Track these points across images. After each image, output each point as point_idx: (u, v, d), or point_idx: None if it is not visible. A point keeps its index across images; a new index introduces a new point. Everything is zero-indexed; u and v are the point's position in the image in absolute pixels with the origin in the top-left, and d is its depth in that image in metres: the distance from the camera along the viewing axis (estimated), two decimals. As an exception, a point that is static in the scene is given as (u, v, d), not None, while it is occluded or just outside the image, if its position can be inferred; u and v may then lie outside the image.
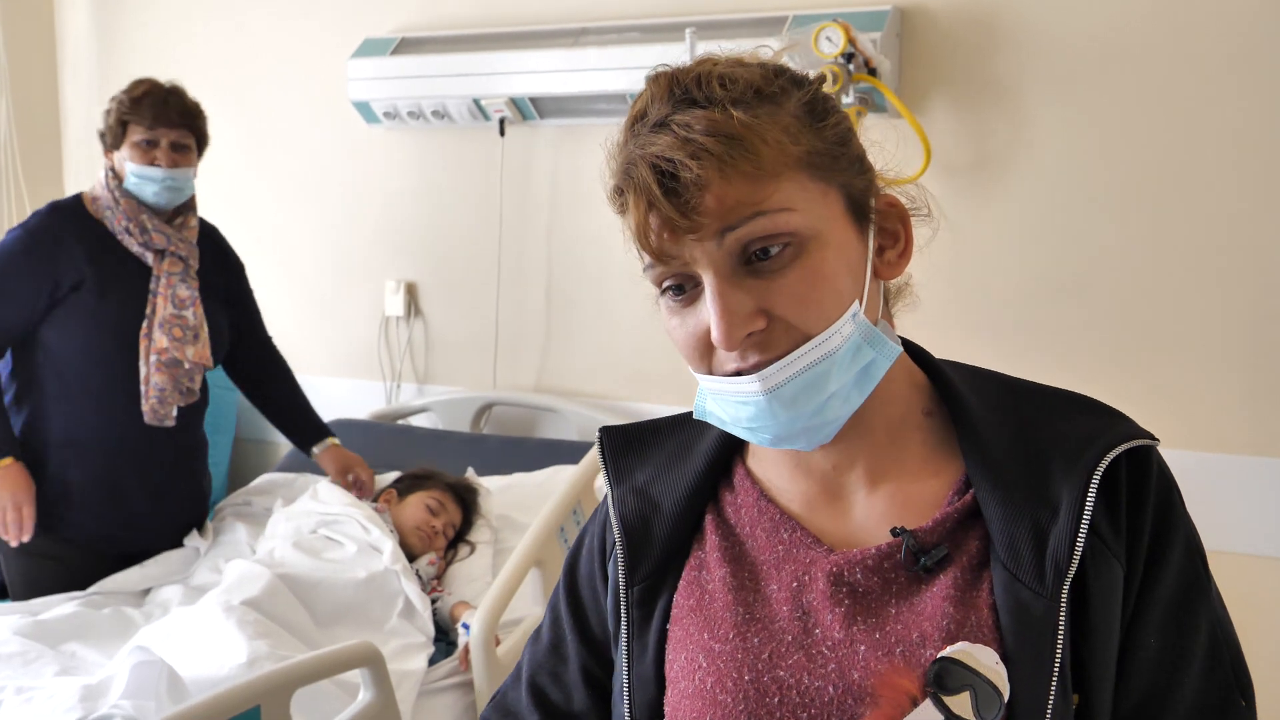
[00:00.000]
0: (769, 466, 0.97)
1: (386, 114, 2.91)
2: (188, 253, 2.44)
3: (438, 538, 2.41)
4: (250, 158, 3.23)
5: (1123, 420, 0.89)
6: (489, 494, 2.55)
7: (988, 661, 0.81)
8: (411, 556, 2.34)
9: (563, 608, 1.04)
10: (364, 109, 2.94)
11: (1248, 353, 2.20)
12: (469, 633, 2.01)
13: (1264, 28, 2.13)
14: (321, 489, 2.51)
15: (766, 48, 0.90)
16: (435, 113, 2.84)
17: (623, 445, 1.03)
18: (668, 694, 0.92)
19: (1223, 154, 2.18)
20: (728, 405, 0.87)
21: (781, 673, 0.87)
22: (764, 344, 0.84)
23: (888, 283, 0.93)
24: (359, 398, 3.11)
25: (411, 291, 3.06)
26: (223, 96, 3.23)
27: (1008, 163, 2.35)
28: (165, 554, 2.45)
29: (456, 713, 2.03)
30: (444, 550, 2.44)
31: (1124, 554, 0.85)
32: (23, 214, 3.12)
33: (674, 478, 0.99)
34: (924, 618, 0.85)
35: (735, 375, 0.85)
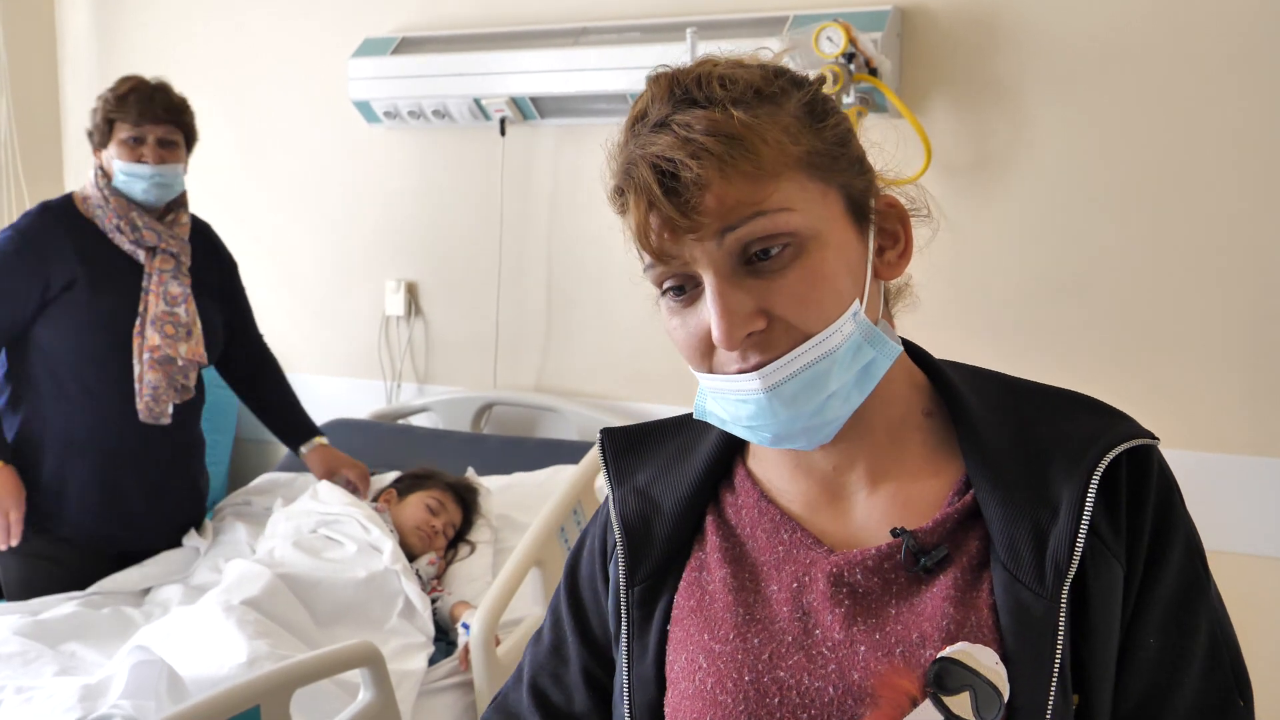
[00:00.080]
0: (769, 467, 0.97)
1: (387, 114, 2.91)
2: (179, 249, 2.43)
3: (438, 537, 2.41)
4: (251, 157, 3.23)
5: (1123, 420, 0.89)
6: (489, 494, 2.55)
7: (987, 662, 0.81)
8: (411, 556, 2.34)
9: (564, 609, 1.04)
10: (364, 109, 2.94)
11: (1248, 353, 2.20)
12: (469, 633, 2.01)
13: (1264, 28, 2.12)
14: (321, 489, 2.51)
15: (766, 49, 0.90)
16: (436, 112, 2.84)
17: (624, 446, 1.03)
18: (668, 694, 0.92)
19: (1223, 154, 2.18)
20: (728, 404, 0.87)
21: (781, 673, 0.87)
22: (764, 344, 0.84)
23: (888, 283, 0.93)
24: (359, 397, 3.11)
25: (412, 291, 3.06)
26: (223, 96, 3.24)
27: (1008, 163, 2.35)
28: (165, 554, 2.45)
29: (456, 713, 2.03)
30: (444, 550, 2.44)
31: (1124, 554, 0.85)
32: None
33: (675, 478, 0.99)
34: (924, 618, 0.85)
35: (736, 374, 0.85)
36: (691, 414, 0.97)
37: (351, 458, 2.65)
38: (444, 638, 2.21)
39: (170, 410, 2.39)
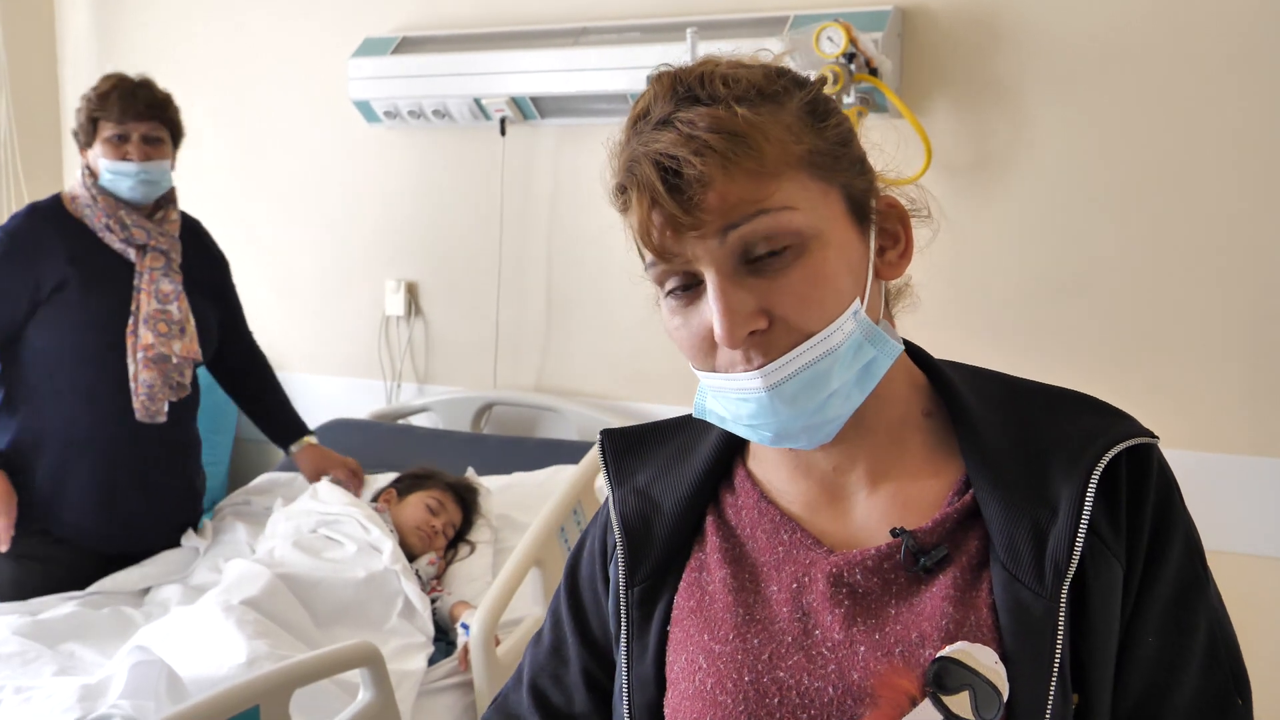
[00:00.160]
0: (769, 468, 0.97)
1: (387, 113, 2.91)
2: (169, 246, 2.42)
3: (438, 537, 2.40)
4: (251, 157, 3.23)
5: (1123, 419, 0.89)
6: (489, 494, 2.55)
7: (987, 661, 0.81)
8: (411, 556, 2.34)
9: (564, 610, 1.04)
10: (364, 108, 2.94)
11: (1248, 353, 2.20)
12: (468, 633, 2.01)
13: (1264, 28, 2.12)
14: (321, 489, 2.51)
15: (767, 51, 0.90)
16: (436, 112, 2.84)
17: (623, 447, 1.03)
18: (668, 695, 0.93)
19: (1223, 154, 2.18)
20: (729, 402, 0.87)
21: (781, 674, 0.87)
22: (766, 344, 0.83)
23: (888, 283, 0.93)
24: (359, 397, 3.11)
25: (412, 291, 3.06)
26: (223, 96, 3.24)
27: (1008, 163, 2.35)
28: (164, 553, 2.45)
29: (456, 713, 2.03)
30: (444, 550, 2.43)
31: (1124, 553, 0.85)
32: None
33: (675, 479, 0.99)
34: (923, 618, 0.85)
35: (738, 373, 0.85)
36: (691, 415, 0.97)
37: (341, 455, 2.65)
38: (444, 638, 2.21)
39: (166, 409, 2.38)
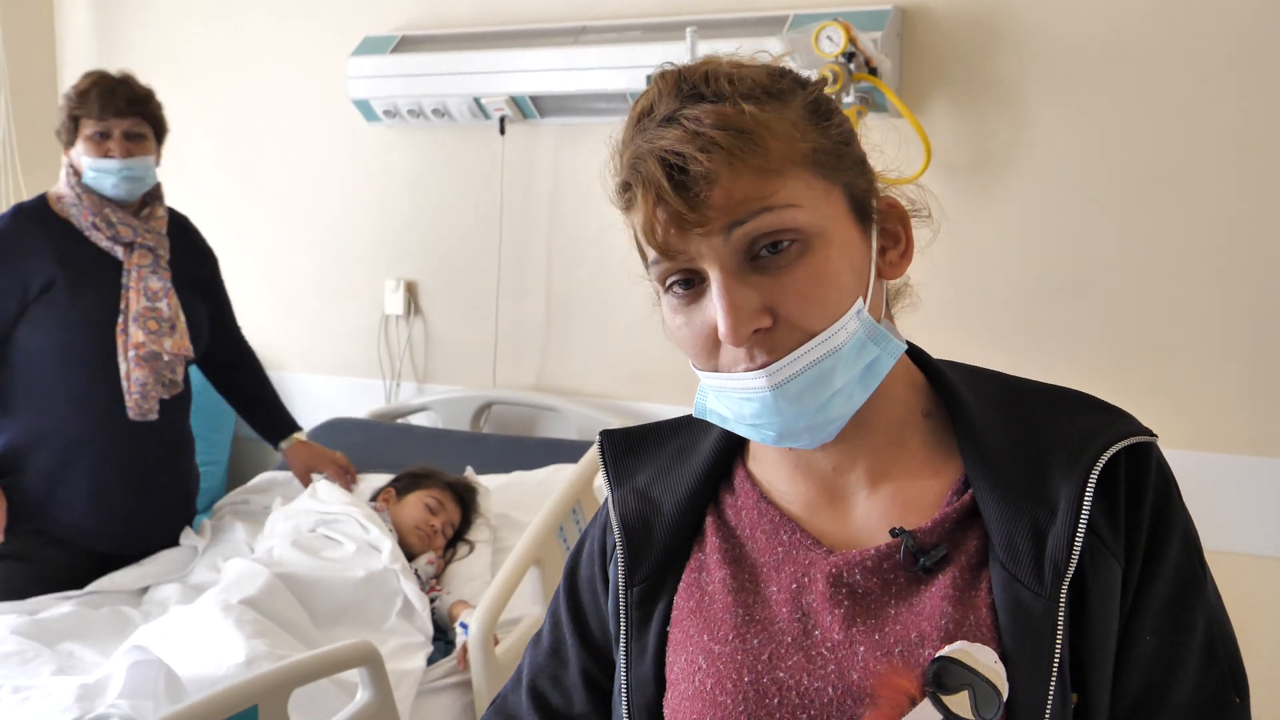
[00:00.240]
0: (769, 468, 0.97)
1: (387, 112, 2.91)
2: (156, 243, 2.41)
3: (437, 537, 2.40)
4: (250, 156, 3.23)
5: (1122, 417, 0.89)
6: (488, 493, 2.55)
7: (986, 661, 0.81)
8: (410, 555, 2.34)
9: (563, 611, 1.04)
10: (364, 107, 2.94)
11: (1248, 352, 2.20)
12: (467, 632, 2.01)
13: (1264, 28, 2.12)
14: (320, 488, 2.51)
15: (765, 52, 0.90)
16: (436, 111, 2.84)
17: (623, 448, 1.03)
18: (667, 695, 0.92)
19: (1223, 154, 2.18)
20: (731, 402, 0.87)
21: (781, 674, 0.87)
22: (770, 343, 0.83)
23: (888, 284, 0.93)
24: (358, 396, 3.10)
25: (411, 290, 3.06)
26: (223, 96, 3.24)
27: (1008, 162, 2.35)
28: (163, 553, 2.45)
29: (455, 712, 2.03)
30: (443, 549, 2.43)
31: (1123, 553, 0.85)
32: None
33: (674, 479, 0.99)
34: (923, 617, 0.85)
35: (741, 372, 0.85)
36: (690, 415, 0.97)
37: (331, 450, 2.65)
38: (442, 637, 2.21)
39: (158, 407, 2.37)
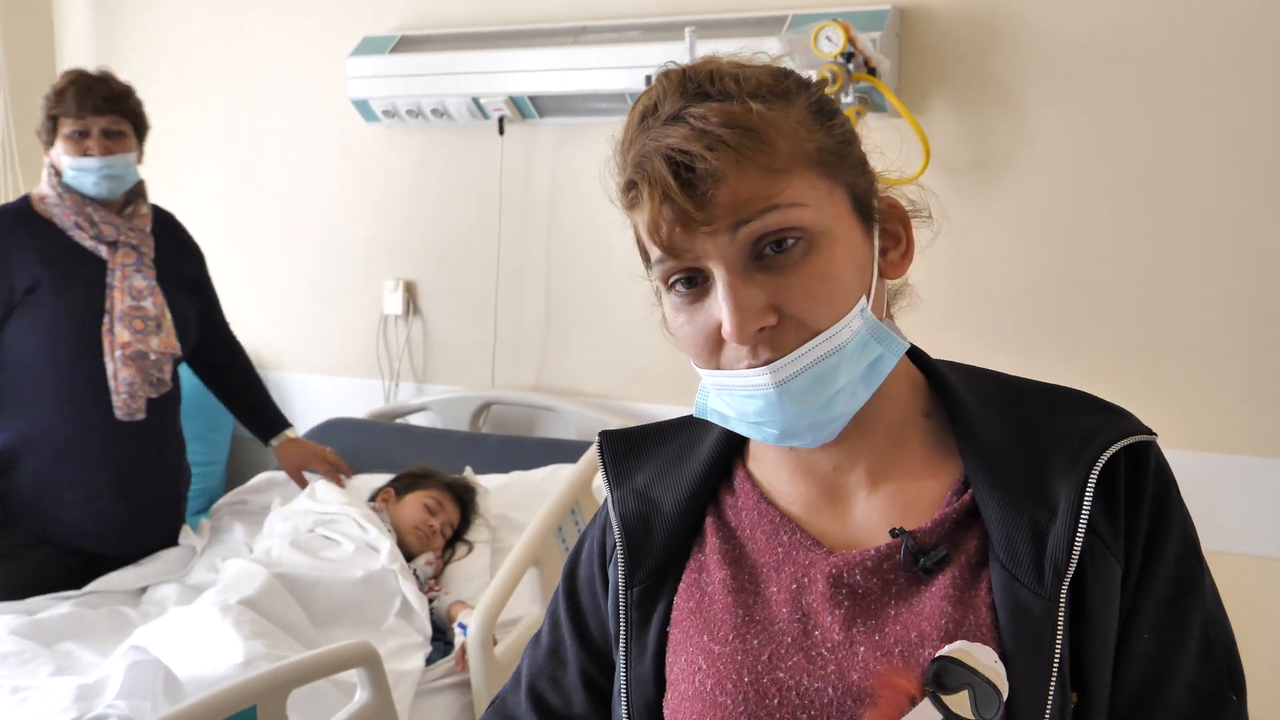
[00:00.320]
0: (769, 469, 0.97)
1: (386, 112, 2.90)
2: (139, 241, 2.39)
3: (435, 537, 2.40)
4: (250, 156, 3.23)
5: (1122, 416, 0.89)
6: (487, 493, 2.55)
7: (986, 660, 0.81)
8: (409, 556, 2.33)
9: (562, 612, 1.04)
10: (363, 107, 2.94)
11: (1248, 353, 2.19)
12: (465, 633, 2.01)
13: (1264, 28, 2.12)
14: (319, 488, 2.51)
15: (764, 53, 0.90)
16: (434, 111, 2.84)
17: (622, 448, 1.03)
18: (667, 696, 0.92)
19: (1223, 154, 2.18)
20: (734, 400, 0.87)
21: (781, 674, 0.86)
22: (774, 342, 0.83)
23: (889, 284, 0.93)
24: (357, 396, 3.10)
25: (410, 290, 3.06)
26: (222, 96, 3.24)
27: (1008, 163, 2.35)
28: (162, 553, 2.44)
29: (454, 713, 2.03)
30: (442, 549, 2.43)
31: (1122, 552, 0.85)
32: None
33: (674, 480, 0.99)
34: (923, 617, 0.85)
35: (745, 369, 0.85)
36: (690, 416, 0.97)
37: (321, 446, 2.65)
38: (441, 638, 2.21)
39: (144, 406, 2.35)
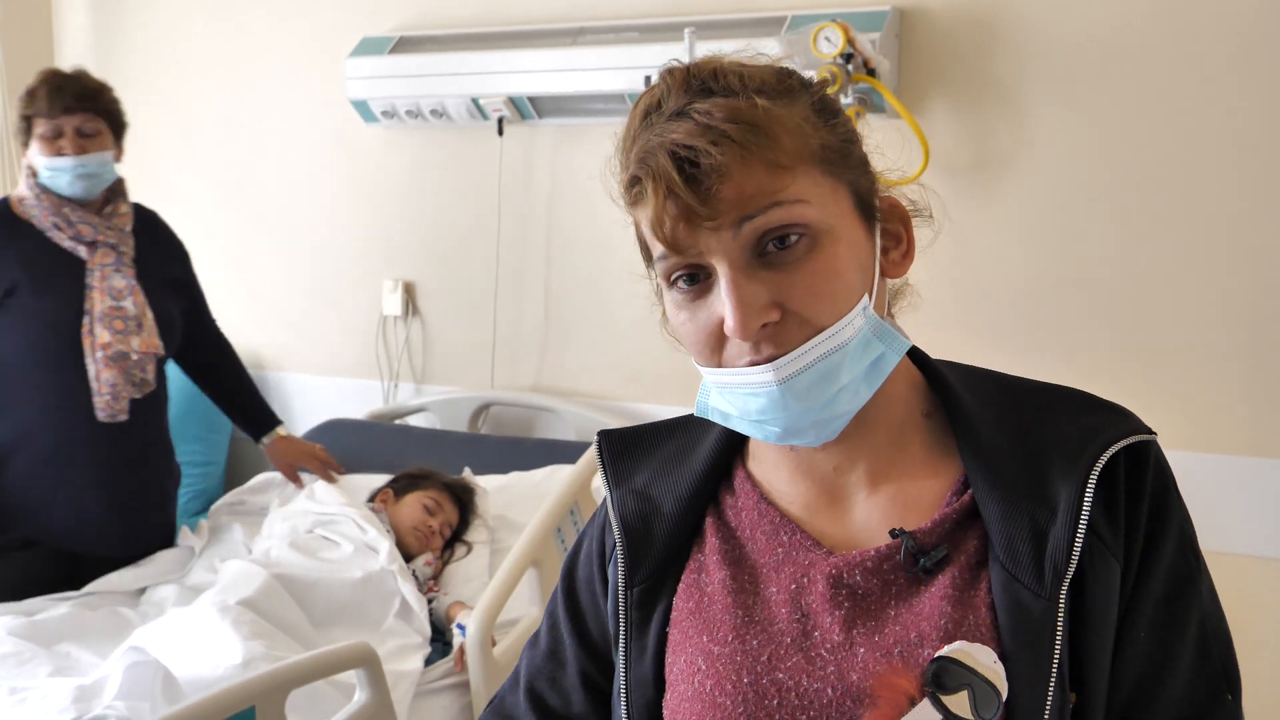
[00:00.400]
0: (769, 469, 0.97)
1: (385, 113, 2.90)
2: (118, 240, 2.38)
3: (434, 538, 2.40)
4: (249, 156, 3.23)
5: (1122, 416, 0.89)
6: (486, 494, 2.54)
7: (985, 661, 0.81)
8: (408, 556, 2.33)
9: (561, 612, 1.04)
10: (362, 108, 2.94)
11: (1248, 353, 2.19)
12: (464, 633, 2.01)
13: (1264, 28, 2.12)
14: (318, 489, 2.51)
15: (764, 55, 0.90)
16: (433, 112, 2.84)
17: (621, 448, 1.02)
18: (667, 696, 0.92)
19: (1223, 154, 2.18)
20: (736, 398, 0.87)
21: (780, 675, 0.86)
22: (777, 338, 0.83)
23: (889, 283, 0.93)
24: (356, 397, 3.10)
25: (409, 291, 3.06)
26: (223, 96, 3.24)
27: (1008, 163, 2.35)
28: (161, 553, 2.44)
29: (453, 714, 2.03)
30: (441, 550, 2.43)
31: (1122, 551, 0.85)
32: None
33: (674, 480, 0.99)
34: (922, 618, 0.84)
35: (748, 367, 0.84)
36: (688, 416, 0.97)
37: (310, 444, 2.65)
38: (440, 638, 2.21)
39: (127, 407, 2.34)
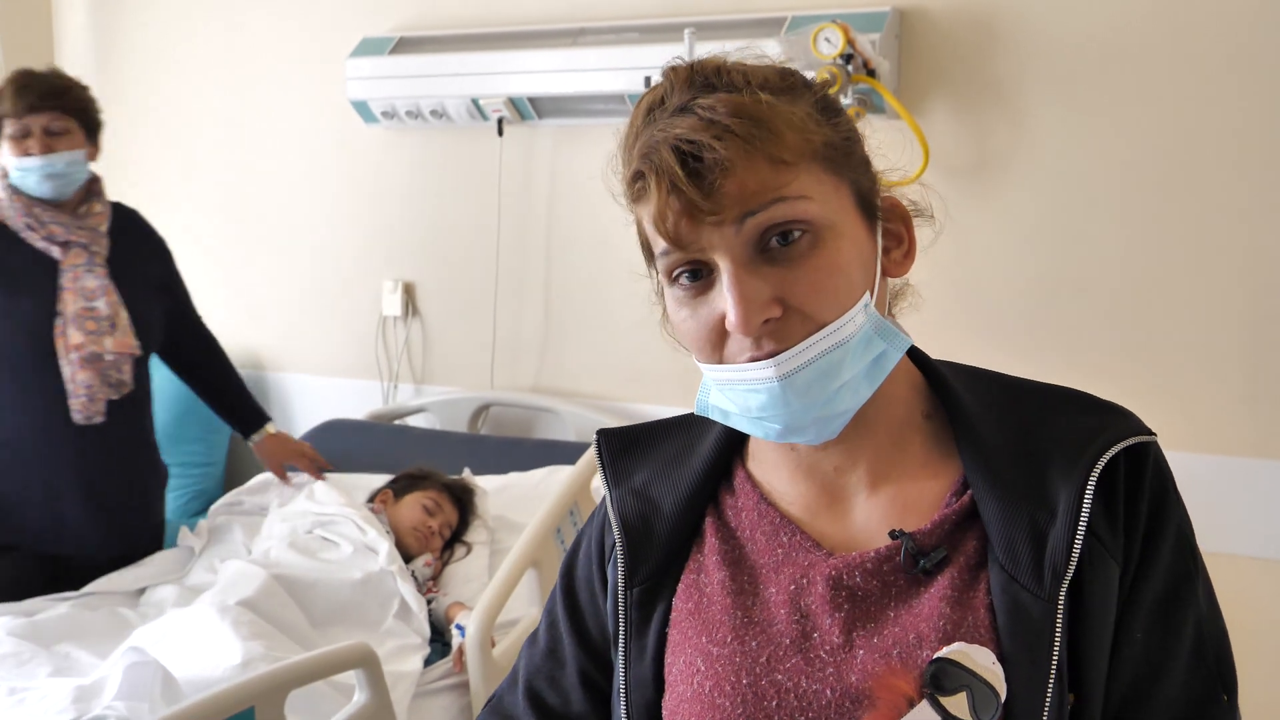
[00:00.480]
0: (769, 470, 0.96)
1: (385, 113, 2.90)
2: (89, 240, 2.35)
3: (434, 538, 2.40)
4: (249, 157, 3.23)
5: (1122, 417, 0.89)
6: (485, 494, 2.54)
7: (984, 662, 0.80)
8: (408, 557, 2.33)
9: (560, 612, 1.04)
10: (362, 108, 2.94)
11: (1248, 353, 2.19)
12: (463, 634, 2.01)
13: (1264, 28, 2.12)
14: (318, 489, 2.51)
15: (765, 57, 0.90)
16: (433, 112, 2.83)
17: (620, 447, 1.02)
18: (666, 697, 0.92)
19: (1223, 154, 2.17)
20: (737, 395, 0.86)
21: (779, 676, 0.86)
22: (779, 333, 0.83)
23: (890, 283, 0.93)
24: (356, 398, 3.10)
25: (409, 291, 3.06)
26: (223, 96, 3.24)
27: (1008, 164, 2.34)
28: (160, 553, 2.44)
29: (452, 714, 2.02)
30: (440, 551, 2.43)
31: (1121, 553, 0.85)
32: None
33: (674, 479, 0.98)
34: (921, 619, 0.84)
35: (749, 363, 0.84)
36: (688, 415, 0.97)
37: (300, 442, 2.64)
38: (440, 639, 2.21)
39: (104, 409, 2.32)
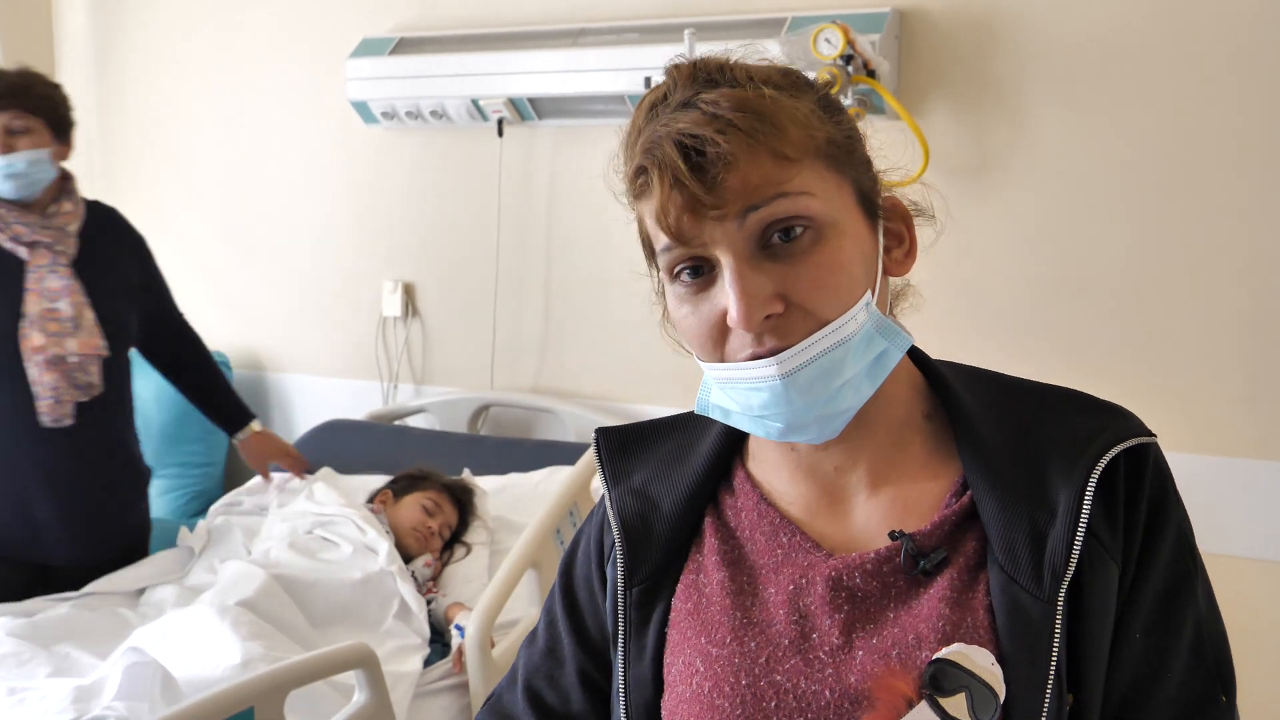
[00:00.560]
0: (769, 470, 0.96)
1: (385, 114, 2.90)
2: (55, 239, 2.32)
3: (434, 539, 2.40)
4: (249, 157, 3.23)
5: (1121, 417, 0.89)
6: (485, 495, 2.54)
7: (983, 663, 0.80)
8: (407, 557, 2.33)
9: (559, 611, 1.03)
10: (362, 109, 2.94)
11: (1248, 353, 2.19)
12: (462, 635, 2.01)
13: (1264, 28, 2.12)
14: (318, 490, 2.51)
15: (766, 58, 0.90)
16: (433, 113, 2.84)
17: (620, 446, 1.02)
18: (665, 697, 0.92)
19: (1223, 154, 2.17)
20: (738, 393, 0.86)
21: (778, 677, 0.86)
22: (781, 330, 0.83)
23: (891, 283, 0.93)
24: (356, 398, 3.10)
25: (409, 292, 3.06)
26: (222, 96, 3.24)
27: (1008, 164, 2.34)
28: (160, 554, 2.44)
29: (451, 715, 2.03)
30: (440, 551, 2.43)
31: (1120, 553, 0.85)
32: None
33: (673, 479, 0.98)
34: (920, 620, 0.84)
35: (751, 361, 0.84)
36: (688, 414, 0.97)
37: (283, 441, 2.64)
38: (439, 639, 2.21)
39: (72, 411, 2.28)
